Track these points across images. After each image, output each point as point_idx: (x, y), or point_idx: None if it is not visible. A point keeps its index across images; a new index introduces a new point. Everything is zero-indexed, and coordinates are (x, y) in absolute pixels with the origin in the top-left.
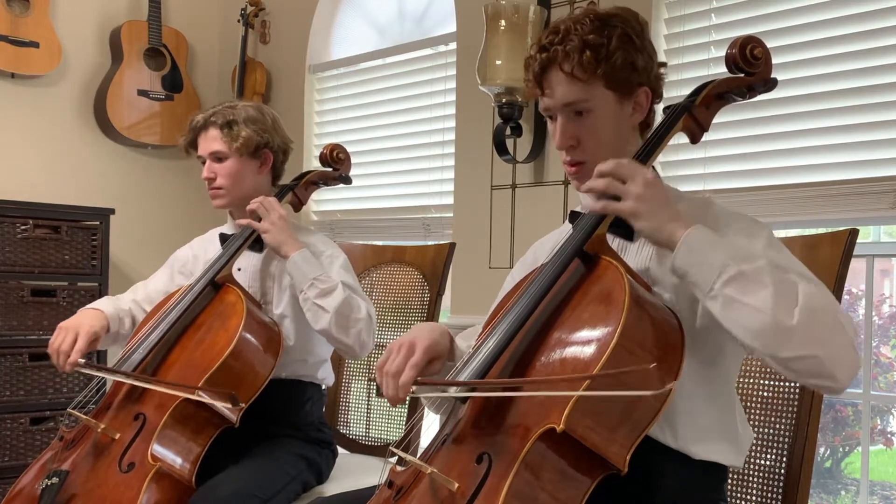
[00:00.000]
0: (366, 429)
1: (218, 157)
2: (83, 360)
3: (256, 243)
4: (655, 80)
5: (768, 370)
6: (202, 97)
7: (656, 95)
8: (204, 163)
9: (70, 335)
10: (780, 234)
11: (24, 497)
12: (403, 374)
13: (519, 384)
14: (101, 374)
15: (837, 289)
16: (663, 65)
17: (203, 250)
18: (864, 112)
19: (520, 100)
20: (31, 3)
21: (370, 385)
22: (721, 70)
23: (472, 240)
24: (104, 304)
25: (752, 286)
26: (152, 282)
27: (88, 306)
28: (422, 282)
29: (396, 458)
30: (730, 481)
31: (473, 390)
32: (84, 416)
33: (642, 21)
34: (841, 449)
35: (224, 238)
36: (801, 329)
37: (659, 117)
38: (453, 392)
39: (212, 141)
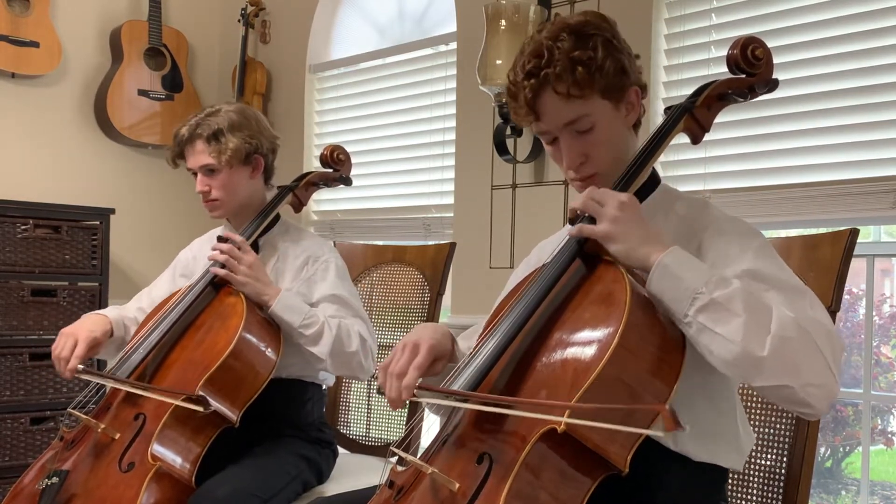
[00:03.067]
0: (366, 429)
1: (209, 170)
2: (82, 366)
3: (252, 247)
4: (638, 74)
5: None
6: (202, 97)
7: (643, 90)
8: (195, 174)
9: (70, 341)
10: (781, 234)
11: (24, 497)
12: (407, 376)
13: (514, 402)
14: (99, 381)
15: (838, 289)
16: (637, 56)
17: (202, 251)
18: (864, 112)
19: None
20: (32, 2)
21: (370, 385)
22: (721, 70)
23: (473, 240)
24: (109, 310)
25: (724, 315)
26: (155, 288)
27: (93, 312)
28: (422, 282)
29: (397, 458)
30: (730, 481)
31: (465, 401)
32: (84, 416)
33: (612, 21)
34: (841, 449)
35: (221, 241)
36: (773, 359)
37: (657, 116)
38: (452, 402)
39: (200, 155)
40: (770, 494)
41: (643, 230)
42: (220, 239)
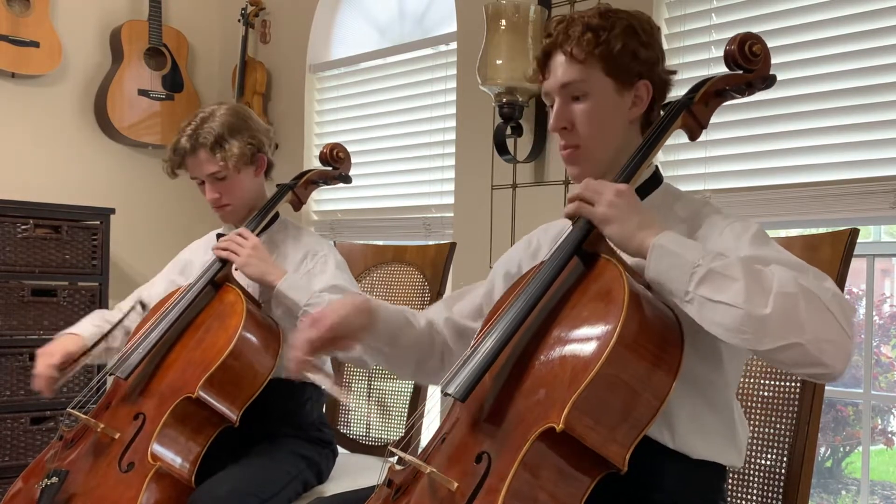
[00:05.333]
0: (366, 429)
1: (217, 178)
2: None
3: None
4: (660, 79)
5: (769, 370)
6: (202, 97)
7: (659, 93)
8: (201, 182)
9: (44, 359)
10: (781, 233)
11: (23, 497)
12: (299, 350)
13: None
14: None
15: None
16: (674, 72)
17: (202, 251)
18: (864, 112)
19: (520, 99)
20: (32, 2)
21: (370, 385)
22: (721, 69)
23: (473, 240)
24: (83, 327)
25: (724, 282)
26: (153, 286)
27: (67, 331)
28: (422, 281)
29: (396, 457)
30: (730, 481)
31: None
32: (84, 416)
33: (653, 24)
34: (841, 449)
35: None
36: (777, 317)
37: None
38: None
39: (205, 164)
40: (770, 494)
41: (639, 216)
42: (220, 236)
